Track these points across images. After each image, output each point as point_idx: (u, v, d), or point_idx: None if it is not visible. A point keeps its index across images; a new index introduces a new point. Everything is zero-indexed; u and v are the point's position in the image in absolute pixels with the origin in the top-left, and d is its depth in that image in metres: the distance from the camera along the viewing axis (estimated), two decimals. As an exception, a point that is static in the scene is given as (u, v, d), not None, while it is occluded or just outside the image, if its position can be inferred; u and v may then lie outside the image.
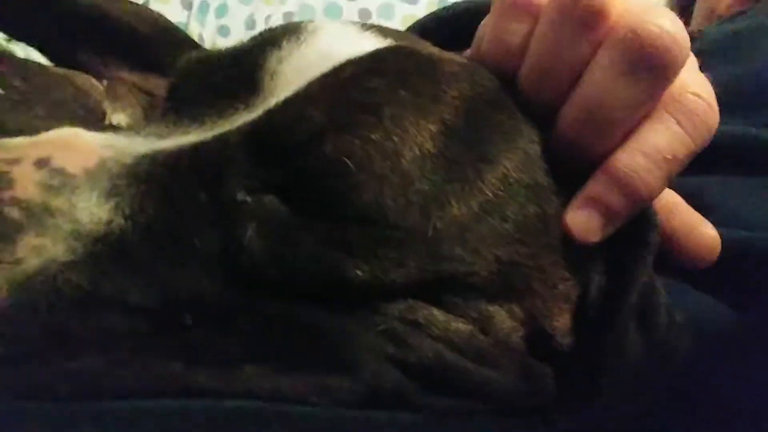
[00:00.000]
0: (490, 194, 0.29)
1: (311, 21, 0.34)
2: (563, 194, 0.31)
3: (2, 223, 0.26)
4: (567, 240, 0.31)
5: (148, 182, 0.28)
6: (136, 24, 0.84)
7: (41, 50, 0.81)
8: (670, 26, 0.29)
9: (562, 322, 0.31)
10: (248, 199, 0.28)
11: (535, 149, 0.31)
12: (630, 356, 0.31)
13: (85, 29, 0.81)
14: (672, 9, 0.98)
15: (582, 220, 0.31)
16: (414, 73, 0.30)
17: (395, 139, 0.28)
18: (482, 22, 0.37)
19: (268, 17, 1.09)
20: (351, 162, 0.27)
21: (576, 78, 0.31)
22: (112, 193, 0.27)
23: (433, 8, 1.09)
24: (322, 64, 0.30)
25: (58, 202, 0.27)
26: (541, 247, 0.30)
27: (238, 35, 1.08)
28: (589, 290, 0.32)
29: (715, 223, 0.35)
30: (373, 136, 0.28)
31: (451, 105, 0.30)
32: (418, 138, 0.28)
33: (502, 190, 0.29)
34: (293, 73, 0.31)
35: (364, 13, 1.09)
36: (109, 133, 0.30)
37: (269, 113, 0.29)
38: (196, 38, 1.03)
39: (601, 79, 0.30)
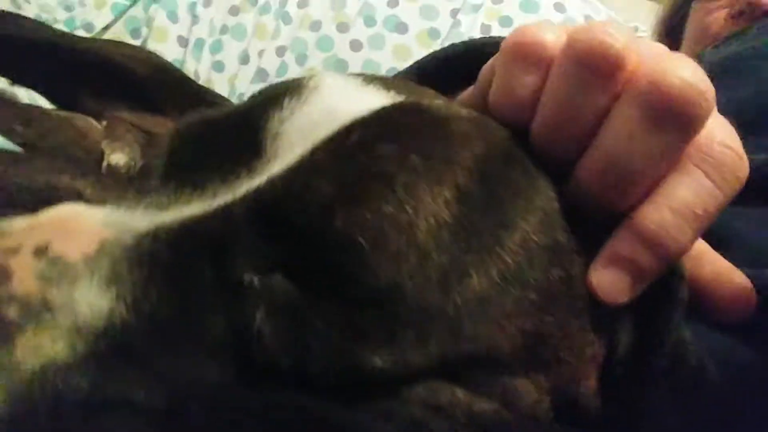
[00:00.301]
0: (510, 262, 0.28)
1: (313, 75, 0.33)
2: (584, 252, 0.30)
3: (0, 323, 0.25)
4: (593, 301, 0.30)
5: (151, 265, 0.27)
6: (133, 65, 0.87)
7: (44, 94, 0.85)
8: (692, 77, 0.28)
9: (588, 384, 0.31)
10: (255, 280, 0.27)
11: (553, 206, 0.30)
12: (660, 416, 0.31)
13: (85, 73, 0.84)
14: (659, 32, 1.00)
15: (609, 281, 0.29)
16: (424, 134, 0.29)
17: (409, 210, 0.26)
18: (486, 65, 0.36)
19: (261, 52, 1.12)
20: (363, 238, 0.26)
21: (593, 130, 0.30)
22: (112, 280, 0.27)
23: (423, 38, 1.13)
24: (326, 124, 0.29)
25: (57, 294, 0.26)
26: (566, 313, 0.29)
27: (232, 70, 1.11)
28: (617, 349, 0.31)
29: (735, 260, 0.34)
30: (385, 209, 0.26)
31: (464, 167, 0.28)
32: (433, 207, 0.27)
33: (522, 256, 0.28)
34: (296, 133, 0.30)
35: (356, 44, 1.12)
36: (110, 207, 0.29)
37: (273, 182, 0.28)
38: (192, 74, 1.07)
39: (622, 134, 0.28)
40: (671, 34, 0.96)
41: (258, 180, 0.29)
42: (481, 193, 0.28)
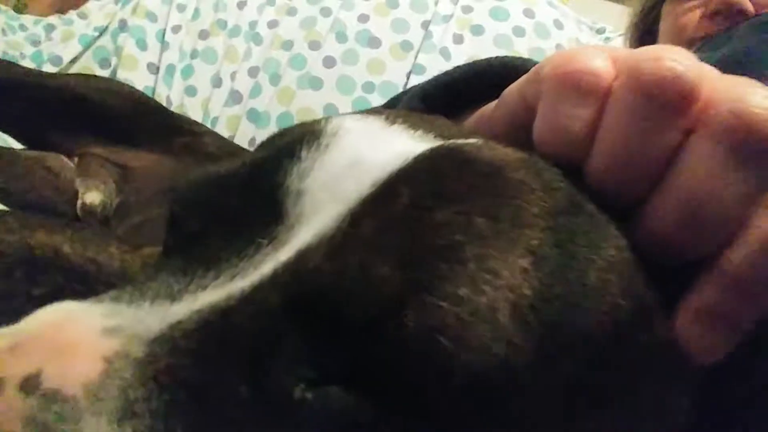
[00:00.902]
0: (600, 339, 0.24)
1: (329, 119, 0.29)
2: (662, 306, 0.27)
3: None
4: (682, 361, 0.26)
5: (171, 385, 0.22)
6: (104, 99, 0.85)
7: (14, 134, 0.83)
8: None
9: None
10: (308, 395, 0.23)
11: (628, 258, 0.26)
12: None
13: (55, 110, 0.82)
14: (632, 36, 1.00)
15: (700, 336, 0.26)
16: (481, 189, 0.25)
17: (487, 289, 0.23)
18: (511, 90, 0.33)
19: (233, 74, 1.10)
20: (443, 337, 0.22)
21: (662, 169, 0.27)
22: (125, 415, 0.21)
23: (396, 51, 1.12)
24: (354, 178, 0.26)
25: None
26: (659, 383, 0.27)
27: (205, 94, 1.10)
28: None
29: None
30: (460, 292, 0.22)
31: (534, 226, 0.25)
32: (511, 281, 0.23)
33: (610, 330, 0.25)
34: (321, 191, 0.26)
35: (329, 60, 1.11)
36: (109, 301, 0.24)
37: (308, 259, 0.24)
38: (163, 100, 1.05)
39: (701, 172, 0.25)
40: (644, 37, 0.96)
41: (286, 253, 0.24)
42: (555, 255, 0.24)
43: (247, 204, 0.27)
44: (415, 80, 1.07)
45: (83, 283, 0.49)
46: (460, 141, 0.28)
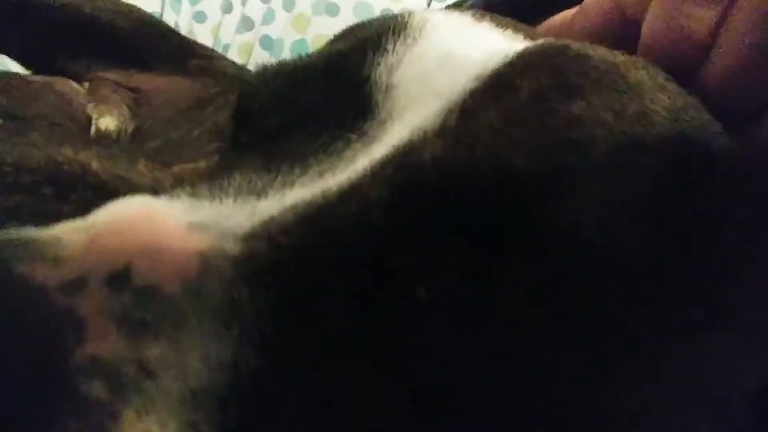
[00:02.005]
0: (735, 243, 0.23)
1: (411, 13, 0.28)
2: None
3: (83, 412, 0.17)
4: None
5: (274, 282, 0.20)
6: (113, 20, 0.81)
7: (17, 59, 0.78)
8: None
9: None
10: (431, 296, 0.21)
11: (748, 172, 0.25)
12: None
13: (61, 32, 0.77)
14: None
15: None
16: (604, 85, 0.24)
17: (622, 186, 0.21)
18: None
19: (244, 0, 1.05)
20: (588, 232, 0.20)
21: None
22: (230, 314, 0.19)
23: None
24: (447, 71, 0.24)
25: (157, 350, 0.18)
26: None
27: (214, 20, 1.04)
28: None
29: None
30: (599, 190, 0.21)
31: (660, 124, 0.23)
32: (642, 177, 0.22)
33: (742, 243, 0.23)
34: (414, 84, 0.24)
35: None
36: (185, 197, 0.21)
37: (422, 155, 0.22)
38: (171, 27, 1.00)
39: None
40: None
41: (381, 148, 0.22)
42: (681, 159, 0.23)
43: (331, 97, 0.25)
44: (437, 6, 1.01)
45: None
46: (563, 40, 0.26)
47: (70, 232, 0.19)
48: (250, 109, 0.27)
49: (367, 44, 0.26)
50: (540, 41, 0.26)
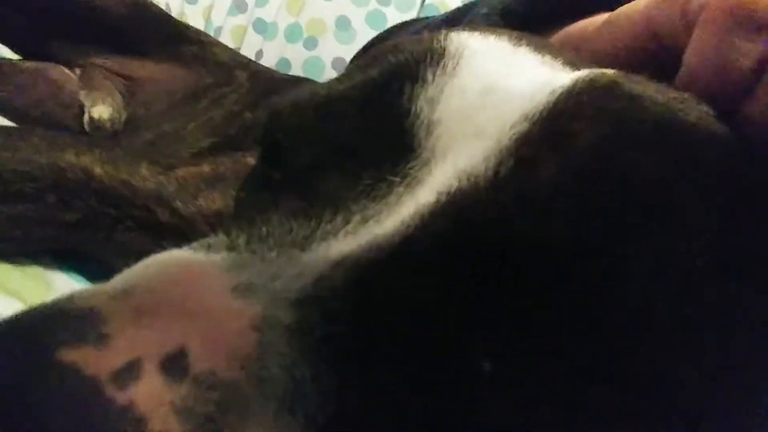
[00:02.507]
0: None
1: (447, 35, 0.26)
2: None
3: None
4: None
5: (336, 359, 0.19)
6: (106, 4, 0.78)
7: (7, 44, 0.75)
8: None
9: None
10: (494, 367, 0.20)
11: None
12: None
13: (52, 17, 0.75)
14: None
15: None
16: (661, 133, 0.23)
17: (686, 245, 0.21)
18: (628, 12, 0.31)
19: (237, -20, 1.03)
20: (662, 309, 0.20)
21: None
22: (294, 399, 0.18)
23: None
24: (490, 106, 0.23)
25: None
26: None
27: (206, 2, 1.02)
28: None
29: None
30: (665, 250, 0.20)
31: (714, 174, 0.22)
32: (706, 237, 0.21)
33: None
34: (456, 120, 0.23)
35: None
36: (225, 250, 0.20)
37: (470, 206, 0.21)
38: (162, 8, 0.97)
39: None
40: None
41: (426, 194, 0.21)
42: (737, 205, 0.22)
43: (368, 132, 0.24)
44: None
45: (117, 207, 0.44)
46: (605, 71, 0.25)
47: (107, 302, 0.18)
48: (282, 143, 0.25)
49: (404, 73, 0.25)
50: (584, 73, 0.25)
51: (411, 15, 1.01)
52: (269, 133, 0.26)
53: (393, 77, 0.25)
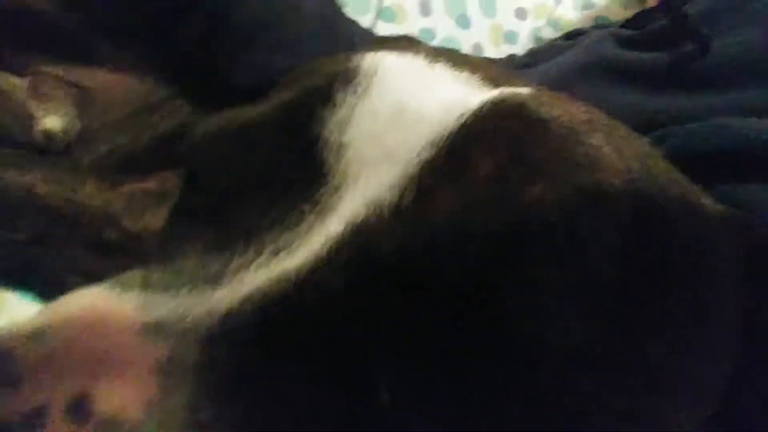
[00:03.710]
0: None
1: (362, 52, 0.26)
2: None
3: None
4: None
5: (239, 393, 0.19)
6: (53, 7, 0.76)
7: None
8: None
9: None
10: (396, 396, 0.20)
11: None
12: None
13: (-2, 22, 0.73)
14: None
15: None
16: (561, 156, 0.22)
17: (581, 273, 0.21)
18: None
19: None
20: (547, 332, 0.20)
21: None
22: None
23: None
24: (400, 128, 0.23)
25: None
26: None
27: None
28: None
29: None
30: (559, 283, 0.20)
31: (622, 203, 0.22)
32: (600, 264, 0.21)
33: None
34: (366, 144, 0.23)
35: None
36: (137, 288, 0.20)
37: (376, 240, 0.21)
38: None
39: None
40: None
41: (336, 223, 0.21)
42: (641, 241, 0.22)
43: (282, 159, 0.24)
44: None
45: (64, 227, 0.44)
46: (516, 91, 0.26)
47: (23, 343, 0.18)
48: (200, 174, 0.25)
49: (316, 95, 0.25)
50: (495, 93, 0.25)
51: (367, 19, 1.01)
52: (188, 164, 0.26)
53: (305, 100, 0.25)
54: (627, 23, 0.73)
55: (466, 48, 1.01)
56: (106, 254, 0.45)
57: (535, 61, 0.76)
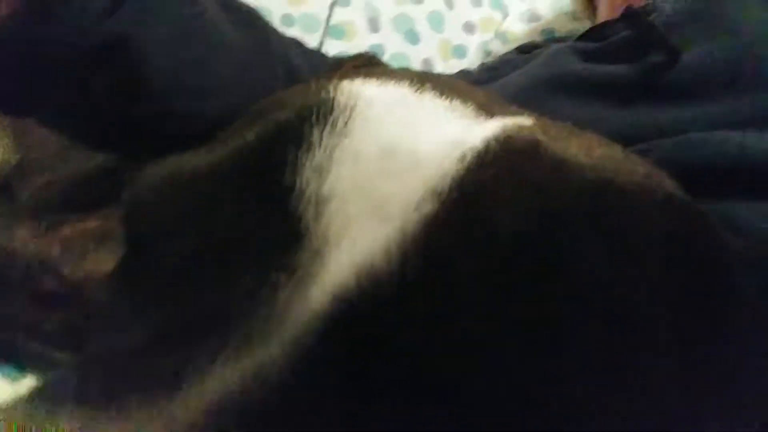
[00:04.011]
0: None
1: (337, 82, 0.22)
2: None
3: None
4: None
5: None
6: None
7: None
8: None
9: None
10: None
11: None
12: None
13: None
14: None
15: None
16: (588, 204, 0.19)
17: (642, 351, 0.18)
18: None
19: None
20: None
21: None
22: None
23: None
24: (389, 175, 0.19)
25: None
26: None
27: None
28: None
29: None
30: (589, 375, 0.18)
31: (661, 253, 0.19)
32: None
33: None
34: (350, 196, 0.19)
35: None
36: (67, 401, 0.16)
37: (377, 314, 0.17)
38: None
39: None
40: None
41: (318, 295, 0.17)
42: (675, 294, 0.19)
43: (245, 215, 0.19)
44: (339, 12, 0.98)
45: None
46: (519, 123, 0.22)
47: None
48: (140, 229, 0.20)
49: (287, 135, 0.20)
50: (498, 130, 0.21)
51: (315, 37, 0.98)
52: (130, 223, 0.21)
53: (274, 141, 0.20)
54: (584, 36, 0.72)
55: (415, 63, 1.00)
56: (46, 306, 0.41)
57: (491, 77, 0.75)
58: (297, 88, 0.24)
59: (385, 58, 0.99)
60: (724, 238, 0.23)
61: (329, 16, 0.99)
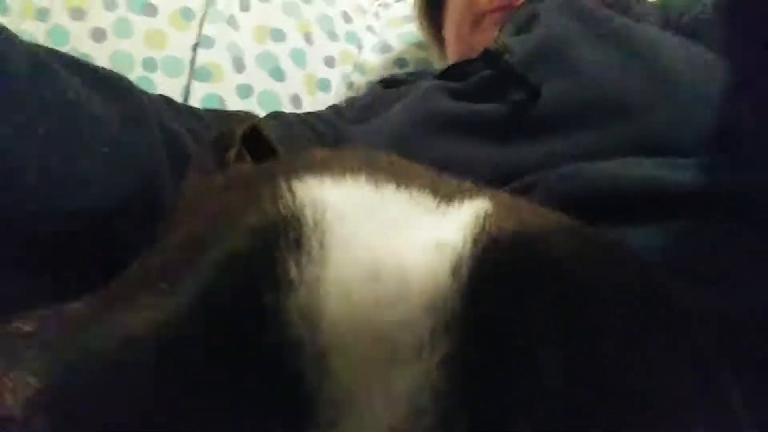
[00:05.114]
0: None
1: (294, 193, 0.19)
2: None
3: None
4: None
5: None
6: None
7: None
8: None
9: None
10: None
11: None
12: None
13: None
14: (419, 6, 1.01)
15: None
16: (600, 327, 0.19)
17: None
18: None
19: None
20: None
21: None
22: None
23: (177, 20, 1.01)
24: (383, 308, 0.17)
25: None
26: None
27: None
28: None
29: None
30: None
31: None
32: None
33: None
34: (354, 345, 0.16)
35: (98, 33, 0.97)
36: None
37: None
38: None
39: None
40: (432, 8, 0.99)
41: None
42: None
43: (220, 386, 0.15)
44: (203, 54, 0.99)
45: None
46: (486, 211, 0.21)
47: None
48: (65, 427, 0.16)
49: (253, 270, 0.16)
50: (475, 227, 0.20)
51: (181, 81, 0.98)
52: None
53: (240, 282, 0.16)
54: (445, 74, 0.75)
55: (284, 100, 1.03)
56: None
57: (368, 116, 0.78)
58: (236, 191, 0.19)
59: (254, 97, 1.00)
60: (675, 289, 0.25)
61: (193, 58, 0.99)
